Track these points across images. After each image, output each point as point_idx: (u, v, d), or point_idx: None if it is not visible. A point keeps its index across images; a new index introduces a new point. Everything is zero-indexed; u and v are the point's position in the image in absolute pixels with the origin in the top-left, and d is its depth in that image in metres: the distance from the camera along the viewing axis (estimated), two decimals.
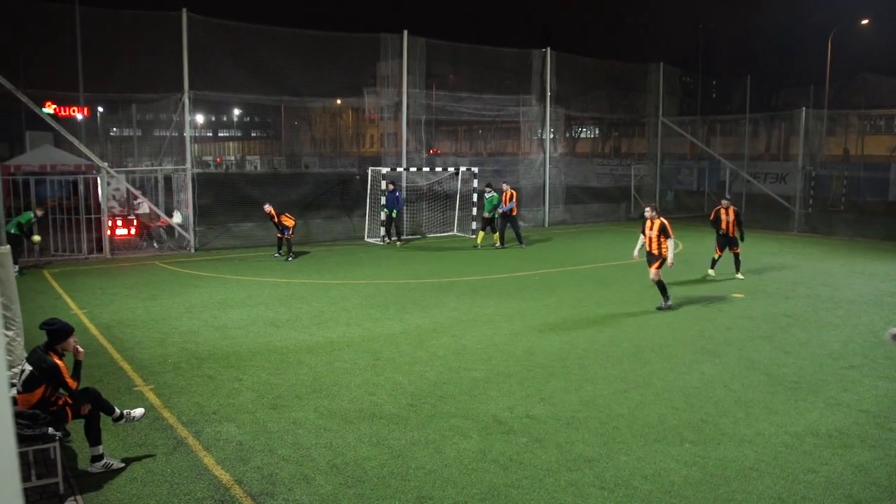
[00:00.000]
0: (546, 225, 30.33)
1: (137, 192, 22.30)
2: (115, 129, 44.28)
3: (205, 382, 9.62)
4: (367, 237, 25.04)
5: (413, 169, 26.24)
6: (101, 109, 40.35)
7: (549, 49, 30.27)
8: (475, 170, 26.89)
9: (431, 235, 26.36)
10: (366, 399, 8.96)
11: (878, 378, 9.92)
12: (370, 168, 25.96)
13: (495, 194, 22.96)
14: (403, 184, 25.90)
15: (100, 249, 20.83)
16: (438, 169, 27.91)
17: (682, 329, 12.65)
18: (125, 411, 7.44)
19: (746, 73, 43.74)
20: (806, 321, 13.31)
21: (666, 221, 14.27)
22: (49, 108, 30.65)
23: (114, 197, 22.13)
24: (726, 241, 17.83)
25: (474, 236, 24.43)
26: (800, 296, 15.71)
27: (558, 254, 22.22)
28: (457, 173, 27.42)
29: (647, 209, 14.55)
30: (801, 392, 9.32)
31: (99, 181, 21.21)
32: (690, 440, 7.74)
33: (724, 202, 18.05)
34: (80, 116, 34.48)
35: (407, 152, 26.50)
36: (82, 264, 19.58)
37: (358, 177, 24.83)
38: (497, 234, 23.17)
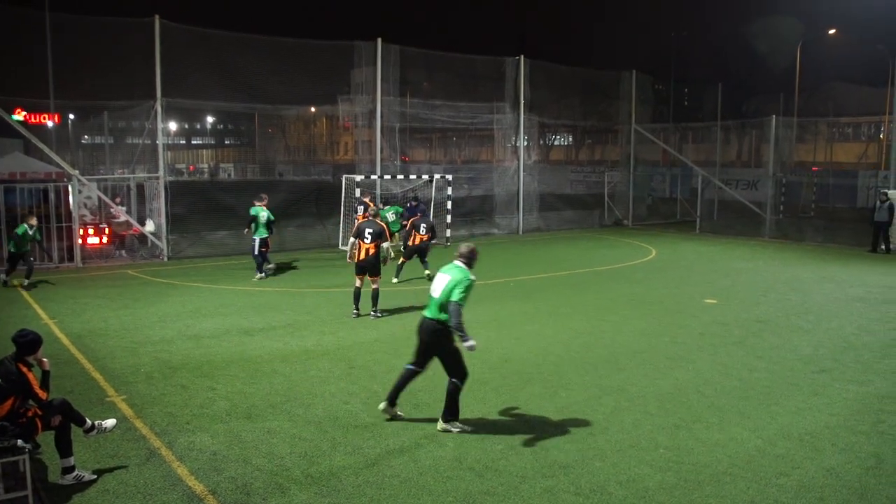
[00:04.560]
0: (520, 232, 30.43)
1: (112, 203, 22.03)
2: (86, 136, 43.89)
3: (178, 392, 9.54)
4: (342, 245, 24.95)
5: (387, 176, 26.20)
6: (72, 117, 39.96)
7: (522, 57, 30.40)
8: (449, 177, 26.94)
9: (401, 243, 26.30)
10: (341, 408, 8.93)
11: (848, 382, 10.05)
12: (344, 176, 25.90)
13: (391, 207, 22.10)
14: (378, 192, 25.84)
15: (71, 258, 20.58)
16: (413, 176, 27.91)
17: (656, 335, 12.74)
18: (96, 422, 7.36)
19: (718, 80, 44.24)
20: (777, 326, 13.45)
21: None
22: (19, 115, 30.29)
23: (85, 205, 21.90)
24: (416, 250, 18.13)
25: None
26: (771, 301, 15.88)
27: (533, 261, 22.29)
28: (431, 181, 27.45)
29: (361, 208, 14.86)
30: (773, 396, 9.41)
31: (70, 189, 20.99)
32: (665, 445, 7.79)
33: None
34: (50, 124, 34.14)
35: (381, 160, 26.48)
36: (53, 273, 19.35)
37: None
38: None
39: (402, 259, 18.28)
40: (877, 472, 7.18)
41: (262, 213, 17.99)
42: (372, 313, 14.08)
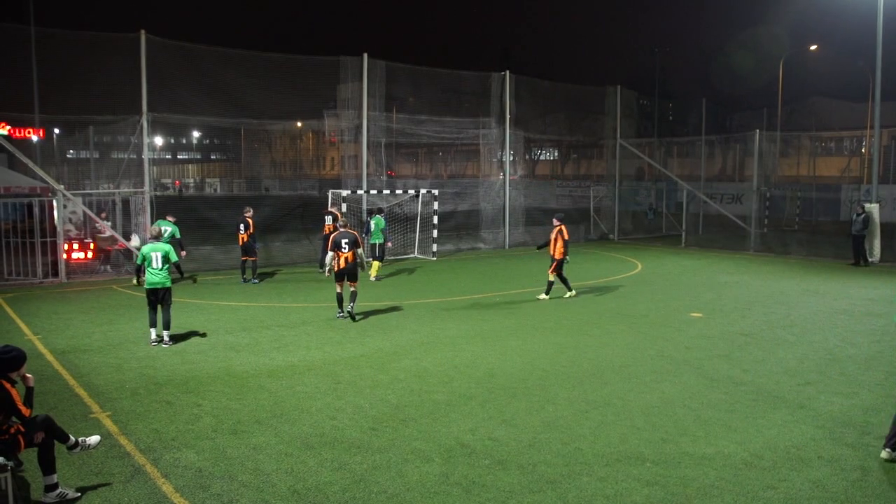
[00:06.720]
0: (506, 247, 30.48)
1: (97, 218, 21.89)
2: (71, 151, 43.62)
3: (163, 408, 9.47)
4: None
5: (373, 191, 26.21)
6: (57, 131, 39.75)
7: (508, 72, 30.55)
8: (435, 192, 26.97)
9: (391, 258, 26.28)
10: (327, 423, 8.89)
11: (833, 394, 10.09)
12: (330, 190, 25.89)
13: (381, 218, 22.17)
14: (363, 206, 25.85)
15: (55, 273, 20.45)
16: (399, 191, 27.95)
17: (642, 349, 12.77)
18: (80, 439, 7.29)
19: (702, 96, 44.56)
20: (763, 339, 13.51)
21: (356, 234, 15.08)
22: (3, 130, 30.10)
23: (70, 220, 21.77)
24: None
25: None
26: (756, 314, 15.96)
27: (518, 275, 22.30)
28: (417, 196, 27.47)
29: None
30: (759, 409, 9.44)
31: (55, 204, 20.87)
32: (652, 460, 7.79)
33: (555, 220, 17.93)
34: (35, 138, 33.94)
35: (367, 174, 26.50)
36: (37, 288, 19.20)
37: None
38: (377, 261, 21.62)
39: (554, 277, 17.88)
40: (863, 485, 7.20)
41: (167, 226, 19.42)
42: (349, 310, 14.97)
